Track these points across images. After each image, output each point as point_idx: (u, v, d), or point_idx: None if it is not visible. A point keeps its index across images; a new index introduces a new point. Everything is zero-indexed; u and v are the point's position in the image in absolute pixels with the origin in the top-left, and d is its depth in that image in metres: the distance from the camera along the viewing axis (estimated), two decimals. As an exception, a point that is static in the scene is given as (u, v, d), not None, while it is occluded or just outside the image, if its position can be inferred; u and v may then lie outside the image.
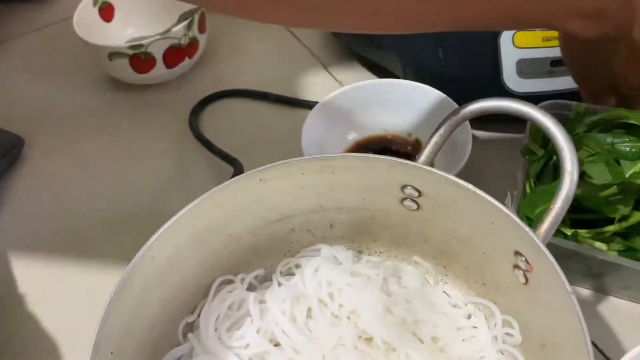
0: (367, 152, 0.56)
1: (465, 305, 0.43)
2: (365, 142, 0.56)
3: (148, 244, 0.36)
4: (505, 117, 0.38)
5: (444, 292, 0.44)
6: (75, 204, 0.58)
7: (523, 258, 0.36)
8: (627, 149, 0.41)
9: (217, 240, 0.42)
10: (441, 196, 0.39)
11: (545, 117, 0.35)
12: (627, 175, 0.38)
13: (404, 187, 0.41)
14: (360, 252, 0.48)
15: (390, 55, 0.59)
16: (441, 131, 0.39)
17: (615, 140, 0.42)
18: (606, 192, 0.39)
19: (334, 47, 0.69)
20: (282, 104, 0.64)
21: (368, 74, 0.66)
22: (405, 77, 0.58)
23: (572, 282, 0.46)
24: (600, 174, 0.38)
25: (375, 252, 0.47)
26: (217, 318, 0.42)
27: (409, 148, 0.55)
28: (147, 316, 0.39)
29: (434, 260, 0.45)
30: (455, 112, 0.38)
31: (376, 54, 0.62)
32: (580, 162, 0.40)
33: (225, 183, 0.38)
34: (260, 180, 0.39)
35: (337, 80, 0.67)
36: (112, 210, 0.56)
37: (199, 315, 0.42)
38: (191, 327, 0.43)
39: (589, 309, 0.45)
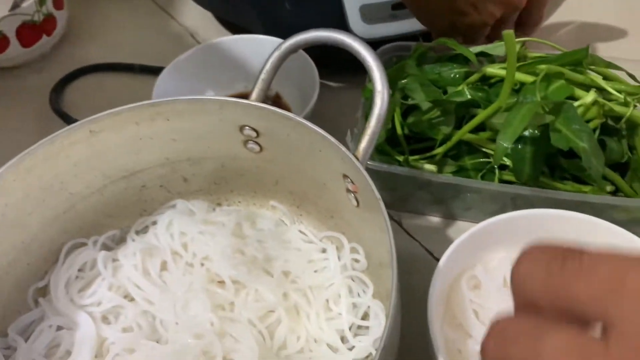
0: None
1: (320, 240, 0.44)
2: (226, 100, 0.56)
3: (-35, 202, 0.35)
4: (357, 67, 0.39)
5: (299, 231, 0.45)
6: None
7: (349, 179, 0.37)
8: (452, 75, 0.43)
9: (57, 200, 0.41)
10: (275, 132, 0.40)
11: (355, 41, 0.36)
12: (445, 97, 0.40)
13: (241, 128, 0.41)
14: (219, 204, 0.48)
15: (249, 15, 0.60)
16: (267, 67, 0.40)
17: (443, 69, 0.44)
18: (429, 115, 0.40)
19: (200, 14, 0.69)
20: (148, 73, 0.63)
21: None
22: (265, 34, 0.58)
23: (423, 211, 0.49)
24: (417, 95, 0.40)
25: (234, 202, 0.48)
26: (68, 280, 0.41)
27: (270, 103, 0.56)
28: (-18, 281, 0.37)
29: (288, 202, 0.46)
30: (277, 48, 0.39)
31: (237, 16, 0.62)
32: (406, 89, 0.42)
33: (52, 135, 0.38)
34: (91, 132, 0.39)
35: (198, 41, 0.67)
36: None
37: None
38: (44, 293, 0.42)
39: (438, 233, 0.47)
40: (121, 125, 0.40)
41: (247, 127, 0.41)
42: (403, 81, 0.41)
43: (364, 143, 0.36)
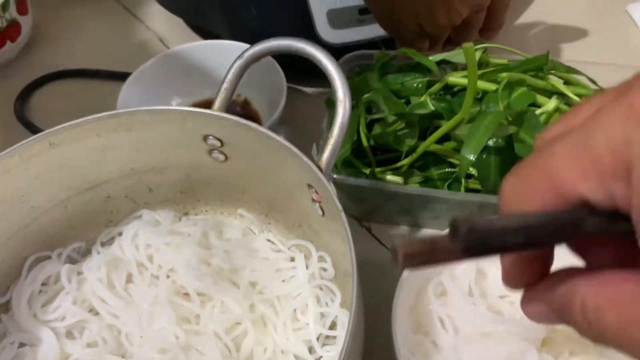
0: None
1: (289, 249, 0.44)
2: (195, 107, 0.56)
3: None
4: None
5: (267, 240, 0.45)
6: None
7: (313, 189, 0.37)
8: (415, 84, 0.43)
9: (19, 214, 0.40)
10: (239, 141, 0.40)
11: (316, 50, 0.36)
12: (408, 108, 0.40)
13: (205, 137, 0.41)
14: (186, 213, 0.47)
15: (217, 20, 0.59)
16: (229, 76, 0.39)
17: (405, 78, 0.44)
18: (393, 127, 0.40)
19: (169, 19, 0.68)
20: (115, 79, 0.63)
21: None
22: (233, 39, 0.58)
23: (392, 221, 0.49)
24: (381, 109, 0.40)
25: (201, 210, 0.48)
26: (32, 295, 0.41)
27: (238, 109, 0.56)
28: (-59, 299, 0.37)
29: (256, 211, 0.46)
30: (239, 57, 0.39)
31: (205, 21, 0.62)
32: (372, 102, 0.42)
33: (9, 149, 0.37)
34: (50, 144, 0.38)
35: (168, 46, 0.66)
36: None
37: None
38: (6, 309, 0.41)
39: (408, 239, 0.47)
40: (82, 136, 0.39)
41: (211, 137, 0.40)
42: (366, 95, 0.41)
43: (327, 153, 0.36)
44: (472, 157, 0.36)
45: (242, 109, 0.56)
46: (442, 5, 0.47)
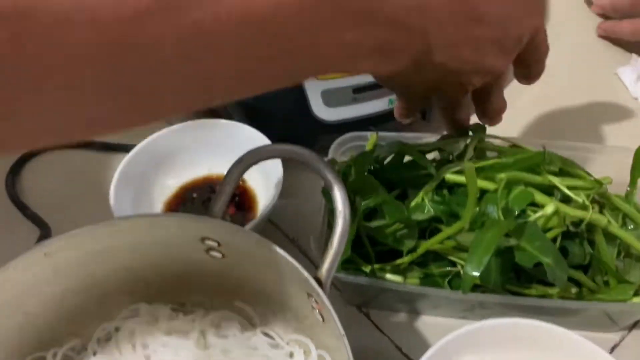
0: (191, 195, 0.55)
1: (287, 343, 0.44)
2: (190, 185, 0.56)
3: None
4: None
5: (265, 333, 0.44)
6: None
7: (312, 298, 0.37)
8: (412, 176, 0.43)
9: (13, 320, 0.39)
10: (237, 244, 0.40)
11: (317, 159, 0.36)
12: (407, 211, 0.40)
13: (203, 239, 0.40)
14: (182, 304, 0.47)
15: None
16: (228, 181, 0.39)
17: (402, 170, 0.44)
18: (392, 229, 0.40)
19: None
20: (109, 151, 0.62)
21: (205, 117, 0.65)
22: (230, 117, 0.58)
23: (391, 308, 0.48)
24: (380, 214, 0.40)
25: (197, 302, 0.47)
26: (26, 402, 0.40)
27: (234, 186, 0.55)
28: None
29: (254, 303, 0.45)
30: (238, 161, 0.39)
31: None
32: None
33: (4, 267, 0.36)
34: (45, 254, 0.38)
35: (171, 123, 0.66)
36: None
37: (6, 403, 0.40)
38: (-1, 417, 0.40)
39: (405, 328, 0.47)
40: (77, 245, 0.38)
41: (208, 239, 0.40)
42: (365, 202, 0.41)
43: (326, 264, 0.35)
44: (476, 274, 0.35)
45: (238, 188, 0.55)
46: (455, 81, 0.44)
